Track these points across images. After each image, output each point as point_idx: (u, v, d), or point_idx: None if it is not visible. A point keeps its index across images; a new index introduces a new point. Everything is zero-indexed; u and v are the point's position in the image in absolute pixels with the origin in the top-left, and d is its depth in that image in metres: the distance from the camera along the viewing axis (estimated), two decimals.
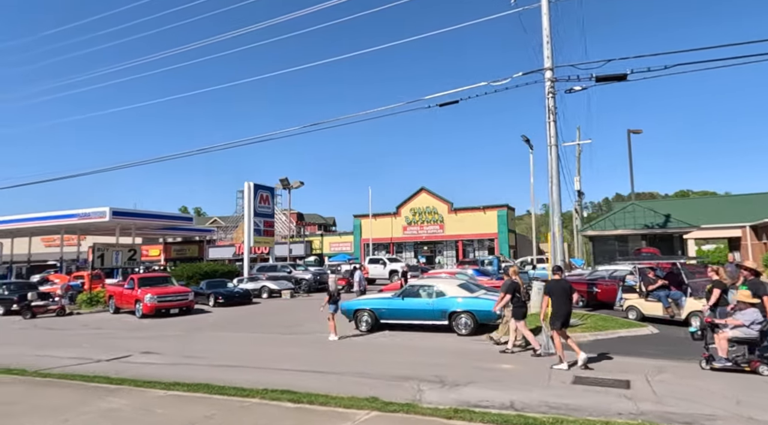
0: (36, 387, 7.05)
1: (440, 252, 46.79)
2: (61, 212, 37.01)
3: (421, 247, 47.11)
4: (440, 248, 46.77)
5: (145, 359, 10.38)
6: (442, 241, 46.56)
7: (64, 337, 14.28)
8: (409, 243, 48.11)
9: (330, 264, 38.73)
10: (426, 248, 46.91)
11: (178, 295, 18.78)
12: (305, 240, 49.42)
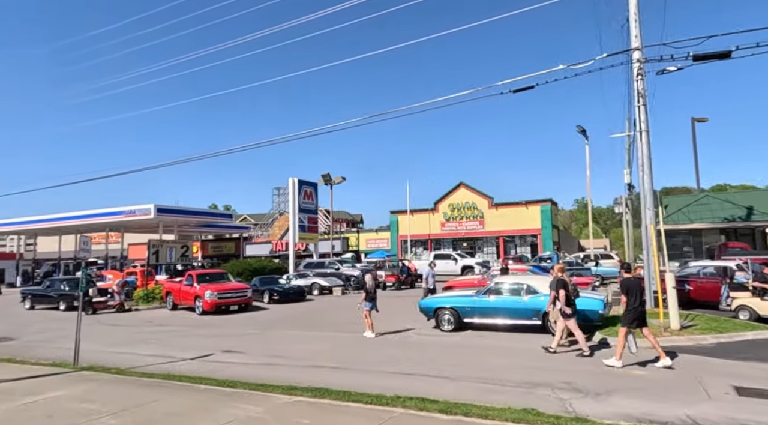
0: (147, 389, 6.61)
1: (480, 248, 45.74)
2: (107, 210, 37.61)
3: (460, 243, 46.16)
4: (480, 245, 45.73)
5: (230, 358, 9.96)
6: (482, 237, 45.50)
7: (133, 334, 14.07)
8: (448, 239, 47.21)
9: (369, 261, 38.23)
10: (465, 245, 45.92)
11: (237, 292, 18.49)
12: (342, 237, 49.03)
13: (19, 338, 14.09)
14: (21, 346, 12.63)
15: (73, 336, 14.38)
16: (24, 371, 8.25)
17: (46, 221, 42.42)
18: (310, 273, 26.59)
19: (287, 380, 7.41)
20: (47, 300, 21.14)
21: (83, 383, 7.07)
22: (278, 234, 50.35)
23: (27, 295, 22.08)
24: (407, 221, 44.75)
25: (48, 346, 12.47)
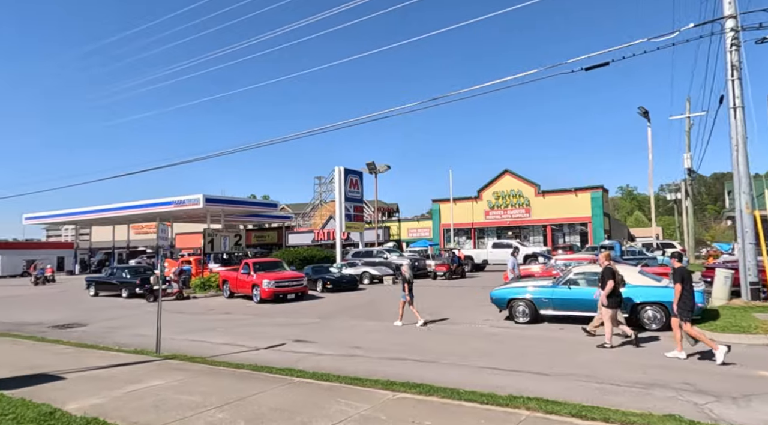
0: (241, 381, 6.42)
1: (526, 238, 44.50)
2: (158, 200, 38.54)
3: (505, 232, 45.05)
4: (526, 233, 44.49)
5: (304, 348, 9.76)
6: (528, 226, 44.25)
7: (199, 321, 14.19)
8: (492, 228, 46.19)
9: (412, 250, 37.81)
10: (510, 234, 44.77)
11: (294, 280, 18.47)
12: (383, 226, 48.77)
13: (91, 323, 14.46)
14: (95, 332, 12.92)
15: (140, 323, 14.80)
16: (113, 358, 8.28)
17: (100, 212, 44.03)
18: (358, 262, 26.42)
19: (374, 373, 7.11)
20: (110, 287, 21.84)
21: (175, 372, 6.97)
22: (320, 224, 50.59)
23: (91, 282, 22.89)
24: (450, 209, 43.97)
25: (121, 332, 12.69)
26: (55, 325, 14.20)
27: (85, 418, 4.73)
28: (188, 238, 52.83)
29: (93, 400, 5.57)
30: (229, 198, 38.81)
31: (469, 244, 45.13)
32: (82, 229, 56.55)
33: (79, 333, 12.65)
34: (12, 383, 6.40)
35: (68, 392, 5.96)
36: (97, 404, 5.42)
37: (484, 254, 29.21)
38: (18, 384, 6.29)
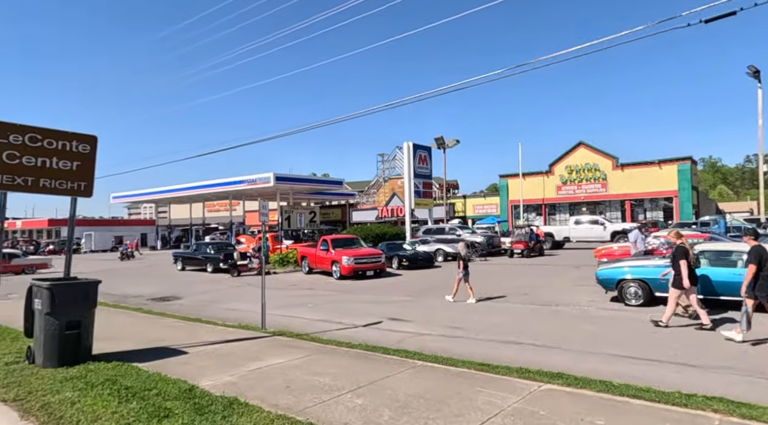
0: (362, 362, 6.15)
1: (602, 214, 41.93)
2: (232, 179, 39.87)
3: (579, 208, 42.70)
4: (602, 209, 41.91)
5: (402, 327, 9.45)
6: (604, 201, 41.66)
7: (288, 297, 14.32)
8: (564, 204, 43.98)
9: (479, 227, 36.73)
10: (585, 210, 42.35)
11: (372, 257, 18.31)
12: (448, 203, 47.81)
13: (185, 297, 15.05)
14: (191, 305, 13.37)
15: (229, 297, 15.25)
16: (222, 333, 8.36)
17: (177, 191, 46.34)
18: (430, 239, 25.94)
19: (494, 357, 6.59)
20: (196, 262, 22.85)
21: (290, 350, 6.83)
22: (383, 201, 50.46)
23: (178, 257, 24.08)
24: (518, 185, 42.19)
25: (215, 306, 13.04)
26: (154, 298, 14.90)
27: (226, 398, 4.58)
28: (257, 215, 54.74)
29: (224, 378, 5.48)
30: (297, 176, 39.49)
31: (539, 220, 43.28)
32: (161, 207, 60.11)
33: (177, 306, 13.14)
34: (139, 356, 6.51)
35: (195, 367, 5.94)
36: (229, 382, 5.31)
37: (565, 231, 27.72)
38: (146, 357, 6.38)
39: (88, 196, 6.67)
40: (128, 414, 4.13)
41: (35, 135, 6.16)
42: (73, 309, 5.81)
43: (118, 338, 7.68)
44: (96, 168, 6.68)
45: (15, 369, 5.63)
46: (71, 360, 5.78)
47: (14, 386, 4.99)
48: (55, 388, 4.88)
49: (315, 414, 4.31)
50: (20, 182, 6.08)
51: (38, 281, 5.88)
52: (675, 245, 8.53)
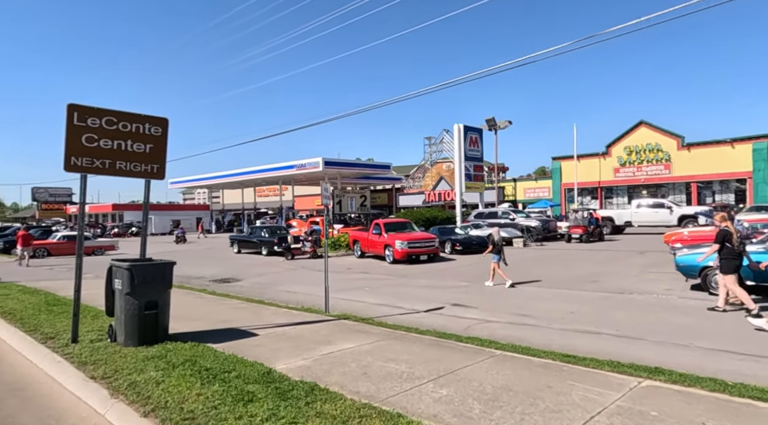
0: (434, 350, 5.91)
1: (664, 197, 39.51)
2: (281, 164, 40.45)
3: (639, 191, 40.40)
4: (664, 192, 39.45)
5: (466, 313, 9.14)
6: (667, 183, 39.18)
7: (344, 281, 14.30)
8: (622, 187, 41.74)
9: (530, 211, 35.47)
10: (645, 193, 40.01)
11: (426, 241, 18.02)
12: (497, 186, 46.56)
13: (245, 279, 15.37)
14: (250, 287, 13.62)
15: (286, 280, 15.44)
16: (287, 315, 8.37)
17: (229, 177, 47.63)
18: (482, 223, 25.30)
19: (573, 348, 6.18)
20: (251, 245, 23.41)
21: (358, 335, 6.70)
22: (430, 185, 49.78)
23: (234, 240, 24.77)
24: (572, 167, 40.36)
25: (273, 288, 13.20)
26: (215, 279, 15.32)
27: (307, 383, 4.47)
28: (304, 200, 55.59)
29: (297, 361, 5.40)
30: (345, 161, 39.55)
31: (594, 204, 41.35)
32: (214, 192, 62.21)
33: (238, 288, 13.41)
34: (212, 336, 6.57)
35: (268, 349, 5.90)
36: (304, 366, 5.21)
37: (626, 215, 26.26)
38: (218, 338, 6.42)
39: (160, 178, 6.74)
40: (213, 397, 4.08)
41: (111, 118, 6.24)
42: (150, 290, 5.89)
43: (188, 318, 7.83)
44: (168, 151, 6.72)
45: (99, 347, 5.79)
46: (150, 340, 5.88)
47: (101, 364, 5.11)
48: (139, 367, 4.95)
49: (400, 403, 4.10)
50: (98, 164, 6.19)
51: (118, 262, 6.00)
52: (720, 228, 8.37)
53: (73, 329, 6.12)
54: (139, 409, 3.96)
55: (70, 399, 4.55)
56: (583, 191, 42.72)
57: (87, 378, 4.77)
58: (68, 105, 5.92)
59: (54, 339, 6.32)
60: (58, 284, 13.26)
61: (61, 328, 6.80)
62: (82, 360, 5.28)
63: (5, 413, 4.19)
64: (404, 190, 54.79)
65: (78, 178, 6.00)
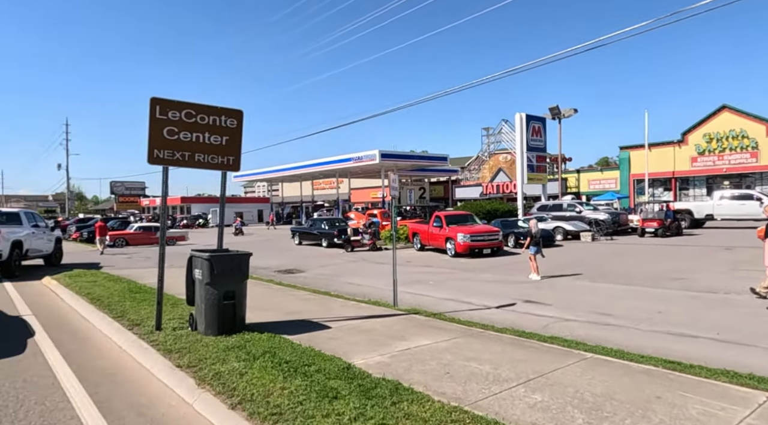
0: (518, 349, 5.56)
1: (749, 188, 36.15)
2: (338, 157, 40.90)
3: (719, 181, 37.23)
4: (749, 182, 36.10)
5: (538, 310, 8.65)
6: (753, 173, 35.83)
7: (405, 274, 13.96)
8: (700, 178, 38.64)
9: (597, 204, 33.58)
10: (727, 183, 36.82)
11: (490, 234, 17.47)
12: (560, 177, 44.57)
13: (307, 270, 15.58)
14: (314, 278, 13.74)
15: (348, 272, 15.48)
16: (355, 307, 8.29)
17: (288, 170, 48.83)
18: (546, 216, 24.24)
19: (664, 352, 5.60)
20: (311, 237, 23.81)
21: (433, 331, 6.46)
22: (488, 177, 48.50)
23: (295, 232, 25.32)
24: (643, 157, 37.78)
25: (336, 280, 13.24)
26: (280, 270, 15.63)
27: (389, 381, 4.29)
28: (360, 193, 56.03)
29: (375, 357, 5.24)
30: (402, 153, 39.35)
31: (667, 196, 38.58)
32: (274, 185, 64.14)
33: (302, 279, 13.58)
34: (285, 327, 6.57)
35: (343, 343, 5.80)
36: (382, 362, 5.05)
37: (707, 208, 24.20)
38: (292, 330, 6.41)
39: (236, 170, 6.81)
40: (297, 392, 3.99)
41: (190, 111, 6.34)
42: (229, 280, 5.95)
43: (260, 308, 7.92)
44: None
45: (182, 335, 5.93)
46: (229, 329, 5.95)
47: (185, 352, 5.20)
48: (221, 357, 4.98)
49: (491, 408, 3.82)
50: (179, 156, 6.32)
51: (198, 252, 6.10)
52: None
53: (157, 317, 6.32)
54: (226, 401, 3.94)
55: (158, 386, 4.65)
56: (654, 182, 39.99)
57: (173, 366, 4.86)
58: (151, 99, 6.07)
59: (139, 325, 6.57)
60: (137, 272, 14.04)
61: (144, 315, 7.07)
62: (167, 348, 5.40)
63: (101, 397, 4.33)
64: (460, 182, 53.83)
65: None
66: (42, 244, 15.59)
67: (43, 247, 15.68)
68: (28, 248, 14.43)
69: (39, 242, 15.33)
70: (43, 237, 15.81)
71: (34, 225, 15.42)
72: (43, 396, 4.36)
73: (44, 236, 15.89)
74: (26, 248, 14.26)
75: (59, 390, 4.55)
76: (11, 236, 13.42)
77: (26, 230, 14.59)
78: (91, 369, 5.21)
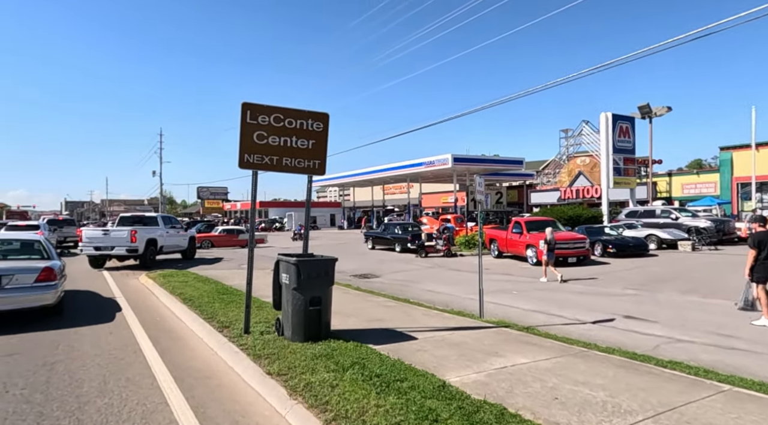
0: (632, 375, 4.90)
1: None
2: (410, 162, 40.75)
3: None
4: None
5: (645, 328, 7.74)
6: None
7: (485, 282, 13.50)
8: None
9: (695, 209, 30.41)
10: None
11: (575, 242, 16.32)
12: (650, 181, 41.15)
13: (382, 275, 15.41)
14: (390, 283, 13.52)
15: (424, 278, 15.10)
16: (439, 317, 7.92)
17: (359, 175, 49.46)
18: (636, 223, 22.33)
19: None
20: (384, 242, 23.74)
21: (528, 347, 5.93)
22: (566, 181, 45.95)
23: (369, 236, 25.40)
24: (748, 158, 33.76)
25: (413, 286, 12.90)
26: (355, 274, 15.61)
27: (492, 405, 3.87)
28: (430, 197, 55.50)
29: (470, 374, 4.84)
30: (475, 157, 38.45)
31: None
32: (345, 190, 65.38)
33: (378, 284, 13.42)
34: (370, 336, 6.35)
35: (432, 356, 5.45)
36: (479, 381, 4.63)
37: None
38: (377, 339, 6.17)
39: (321, 174, 6.73)
40: (393, 411, 3.70)
41: (278, 115, 6.35)
42: (315, 286, 5.84)
43: (341, 314, 7.79)
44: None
45: (269, 340, 5.89)
46: (314, 336, 5.83)
47: (274, 359, 5.12)
48: (310, 366, 4.83)
49: None
50: (267, 161, 6.34)
51: (285, 256, 6.06)
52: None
53: (246, 320, 6.37)
54: (320, 416, 3.75)
55: (251, 394, 4.58)
56: (762, 185, 35.64)
57: (264, 373, 4.78)
58: (243, 104, 6.14)
59: (228, 328, 6.66)
60: (223, 273, 14.63)
61: (233, 318, 7.18)
62: (257, 353, 5.36)
63: (197, 402, 4.32)
64: (535, 186, 51.51)
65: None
66: (177, 241, 18.95)
67: (178, 244, 19.03)
68: (163, 244, 17.51)
69: (174, 240, 18.60)
70: (178, 236, 19.08)
71: (171, 227, 18.74)
72: (144, 397, 4.44)
73: (178, 235, 19.15)
74: (161, 244, 17.33)
75: (158, 390, 4.62)
76: (145, 235, 16.36)
77: (160, 230, 17.67)
78: (186, 370, 5.29)
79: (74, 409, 4.15)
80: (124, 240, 15.63)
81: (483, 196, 8.62)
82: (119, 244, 15.62)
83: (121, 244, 15.61)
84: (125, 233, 15.75)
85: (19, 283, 7.29)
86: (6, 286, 7.18)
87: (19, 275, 7.37)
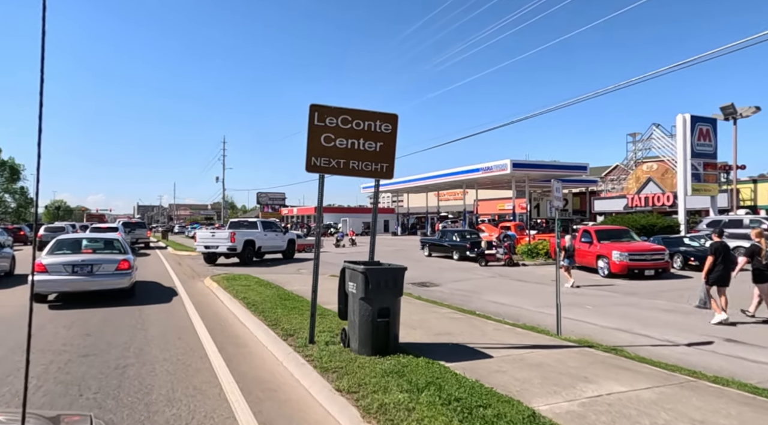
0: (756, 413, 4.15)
1: None
2: (466, 168, 39.90)
3: None
4: None
5: (757, 355, 6.78)
6: None
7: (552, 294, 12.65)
8: None
9: None
10: None
11: (653, 253, 15.06)
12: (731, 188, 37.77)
13: (442, 284, 14.89)
14: (450, 293, 13.00)
15: (486, 288, 14.37)
16: (511, 333, 7.35)
17: (413, 181, 49.07)
18: None
19: None
20: (442, 249, 23.17)
21: (624, 372, 5.26)
22: (634, 188, 43.16)
23: (425, 243, 24.94)
24: None
25: (475, 297, 12.31)
26: (414, 282, 15.18)
27: None
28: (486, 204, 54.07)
29: (561, 403, 4.29)
30: (536, 162, 37.02)
31: None
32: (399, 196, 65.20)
33: (438, 293, 12.93)
34: (439, 352, 5.92)
35: (512, 378, 4.94)
36: (575, 413, 4.08)
37: None
38: (448, 355, 5.73)
39: (389, 177, 6.42)
40: None
41: (346, 117, 6.12)
42: (384, 296, 5.52)
43: (406, 325, 7.40)
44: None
45: (335, 352, 5.62)
46: (382, 349, 5.50)
47: (343, 373, 4.83)
48: (381, 384, 4.48)
49: None
50: (334, 164, 6.12)
51: (352, 264, 5.79)
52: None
53: (311, 329, 6.14)
54: None
55: (320, 412, 4.29)
56: None
57: (333, 389, 4.49)
58: (311, 105, 5.96)
59: (293, 336, 6.47)
60: (283, 277, 14.71)
61: (296, 325, 7.00)
62: (323, 366, 5.10)
63: (265, 418, 4.09)
64: (599, 193, 48.82)
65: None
66: (276, 243, 21.17)
67: (277, 245, 21.26)
68: (261, 245, 19.99)
69: (272, 242, 20.86)
70: (277, 238, 21.25)
71: (271, 230, 21.04)
72: (211, 409, 4.27)
73: (277, 237, 21.33)
74: (258, 245, 19.82)
75: (225, 402, 4.44)
76: (243, 237, 18.93)
77: (258, 232, 20.10)
78: (252, 381, 5.11)
79: (143, 419, 4.04)
80: (226, 240, 18.44)
81: (560, 202, 7.97)
82: (222, 243, 18.53)
83: (223, 243, 18.47)
84: (226, 234, 18.66)
85: (104, 271, 9.87)
86: (96, 272, 9.79)
87: (104, 264, 9.93)
